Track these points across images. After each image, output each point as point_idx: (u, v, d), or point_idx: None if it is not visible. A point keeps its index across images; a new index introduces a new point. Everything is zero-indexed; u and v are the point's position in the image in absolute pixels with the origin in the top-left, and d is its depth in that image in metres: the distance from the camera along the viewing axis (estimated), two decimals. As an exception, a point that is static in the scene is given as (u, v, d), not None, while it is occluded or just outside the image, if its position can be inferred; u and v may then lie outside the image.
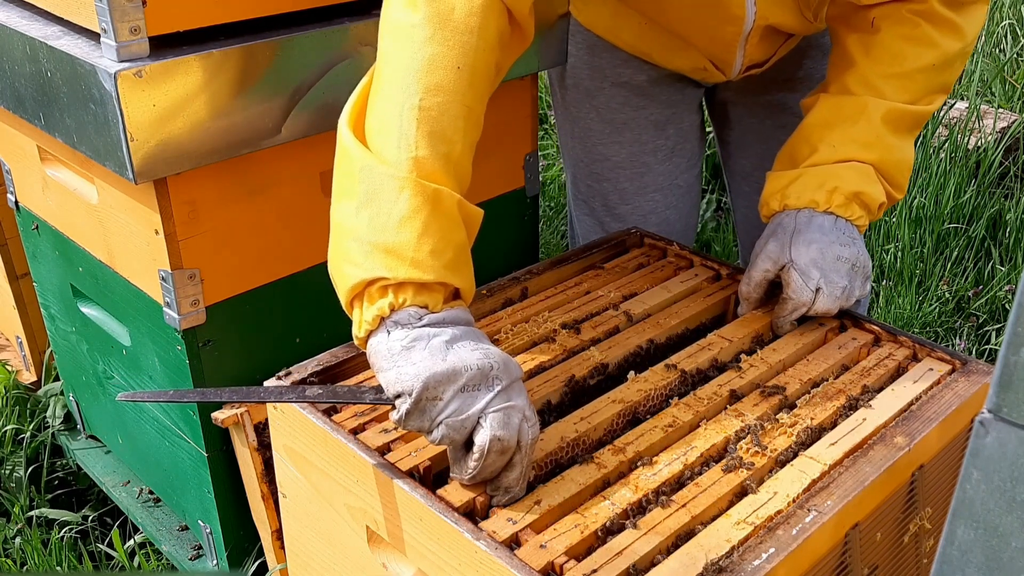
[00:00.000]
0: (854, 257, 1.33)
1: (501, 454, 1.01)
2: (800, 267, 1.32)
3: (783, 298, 1.34)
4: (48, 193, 1.62)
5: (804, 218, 1.34)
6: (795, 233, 1.33)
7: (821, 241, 1.32)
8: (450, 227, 1.07)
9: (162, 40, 1.26)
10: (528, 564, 0.95)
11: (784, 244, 1.34)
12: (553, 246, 2.96)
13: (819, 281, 1.31)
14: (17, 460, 1.97)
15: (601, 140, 1.77)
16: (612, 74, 1.70)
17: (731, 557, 0.97)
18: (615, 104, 1.73)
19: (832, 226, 1.33)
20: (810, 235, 1.32)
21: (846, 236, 1.33)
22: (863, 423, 1.17)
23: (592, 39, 1.70)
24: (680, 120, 1.77)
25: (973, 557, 0.59)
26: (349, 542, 1.18)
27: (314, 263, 1.53)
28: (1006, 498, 0.56)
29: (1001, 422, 0.55)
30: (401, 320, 1.04)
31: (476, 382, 1.01)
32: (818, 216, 1.34)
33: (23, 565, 1.81)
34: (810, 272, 1.31)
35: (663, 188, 1.80)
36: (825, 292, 1.32)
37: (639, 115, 1.73)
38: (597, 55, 1.70)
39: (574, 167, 1.84)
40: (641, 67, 1.69)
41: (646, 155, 1.76)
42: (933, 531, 1.23)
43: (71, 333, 1.79)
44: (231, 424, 1.46)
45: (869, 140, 1.35)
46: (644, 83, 1.70)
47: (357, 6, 1.44)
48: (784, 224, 1.35)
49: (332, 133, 1.45)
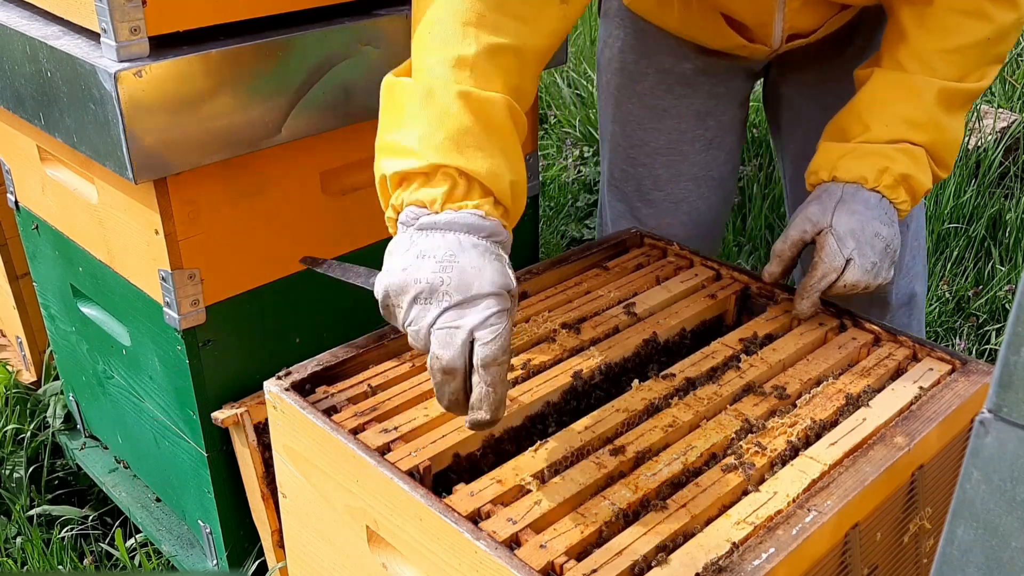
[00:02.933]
0: (890, 238, 1.33)
1: (446, 374, 1.00)
2: (837, 233, 1.32)
3: (814, 263, 1.34)
4: (48, 193, 1.62)
5: (851, 190, 1.34)
6: (840, 201, 1.34)
7: (863, 214, 1.32)
8: (447, 114, 1.05)
9: (162, 40, 1.26)
10: (528, 564, 0.95)
11: (827, 209, 1.34)
12: (553, 246, 2.96)
13: (853, 251, 1.31)
14: (17, 460, 1.97)
15: (641, 125, 1.77)
16: (658, 60, 1.70)
17: (731, 557, 0.97)
18: (659, 91, 1.73)
19: (876, 203, 1.33)
20: (854, 206, 1.33)
21: (887, 216, 1.34)
22: (863, 423, 1.17)
23: (640, 24, 1.69)
24: (722, 113, 1.76)
25: (973, 557, 0.59)
26: (349, 542, 1.18)
27: (314, 263, 1.53)
28: (1006, 498, 0.56)
29: (1001, 422, 0.55)
30: (403, 220, 1.07)
31: (425, 296, 1.01)
32: (864, 191, 1.34)
33: (24, 565, 1.81)
34: (846, 240, 1.31)
35: (697, 178, 1.79)
36: (856, 263, 1.31)
37: (681, 103, 1.73)
38: (644, 40, 1.70)
39: (611, 151, 1.84)
40: (687, 55, 1.68)
41: (684, 144, 1.76)
42: (933, 531, 1.23)
43: (71, 333, 1.79)
44: (231, 424, 1.46)
45: (922, 121, 1.34)
46: (689, 71, 1.70)
47: (357, 6, 1.44)
48: (831, 191, 1.36)
49: (332, 133, 1.46)
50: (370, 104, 1.46)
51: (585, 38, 4.27)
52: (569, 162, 3.41)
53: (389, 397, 1.22)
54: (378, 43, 1.43)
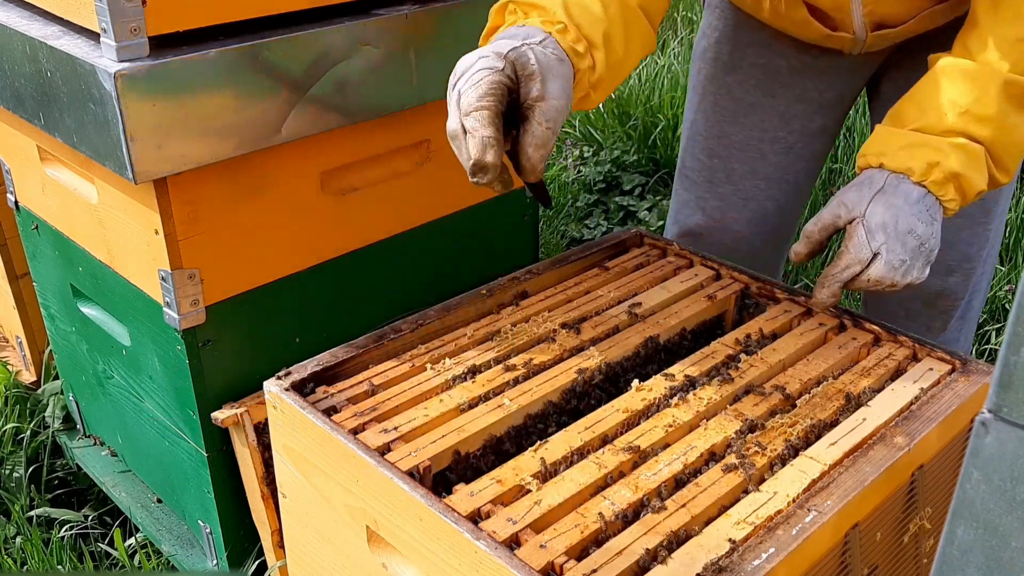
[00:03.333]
0: (926, 237, 1.26)
1: (452, 139, 1.16)
2: (869, 225, 1.25)
3: (840, 252, 1.28)
4: (48, 193, 1.62)
5: (894, 181, 1.27)
6: (880, 191, 1.27)
7: (901, 209, 1.25)
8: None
9: (162, 40, 1.26)
10: (528, 564, 0.95)
11: (864, 198, 1.27)
12: (553, 246, 2.96)
13: (882, 246, 1.25)
14: (17, 460, 1.97)
15: (725, 117, 1.75)
16: (752, 53, 1.68)
17: (731, 557, 0.97)
18: (748, 85, 1.71)
19: (919, 198, 1.26)
20: (893, 199, 1.26)
21: (927, 214, 1.26)
22: (863, 423, 1.17)
23: (739, 16, 1.68)
24: (809, 119, 1.72)
25: (973, 557, 0.59)
26: (349, 542, 1.18)
27: (314, 263, 1.53)
28: (1006, 498, 0.56)
29: (1001, 422, 0.55)
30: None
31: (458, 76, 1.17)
32: (908, 184, 1.27)
33: (23, 565, 1.81)
34: (876, 233, 1.25)
35: (771, 179, 1.76)
36: (884, 258, 1.25)
37: (768, 101, 1.71)
38: (741, 32, 1.68)
39: (688, 140, 1.83)
40: (783, 52, 1.66)
41: (764, 143, 1.73)
42: (933, 531, 1.23)
43: (71, 333, 1.79)
44: (231, 424, 1.46)
45: (985, 113, 1.25)
46: (783, 69, 1.67)
47: (357, 6, 1.44)
48: (874, 179, 1.29)
49: (332, 133, 1.46)
50: (370, 103, 1.46)
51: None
52: (569, 162, 3.41)
53: (389, 397, 1.22)
54: (378, 43, 1.43)
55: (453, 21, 1.51)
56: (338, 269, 1.56)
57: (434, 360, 1.30)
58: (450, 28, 1.51)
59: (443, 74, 1.53)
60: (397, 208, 1.60)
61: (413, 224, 1.64)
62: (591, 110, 3.57)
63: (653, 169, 3.27)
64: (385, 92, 1.47)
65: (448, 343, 1.34)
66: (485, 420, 1.19)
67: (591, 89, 1.29)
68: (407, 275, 1.67)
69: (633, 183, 3.20)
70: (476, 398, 1.22)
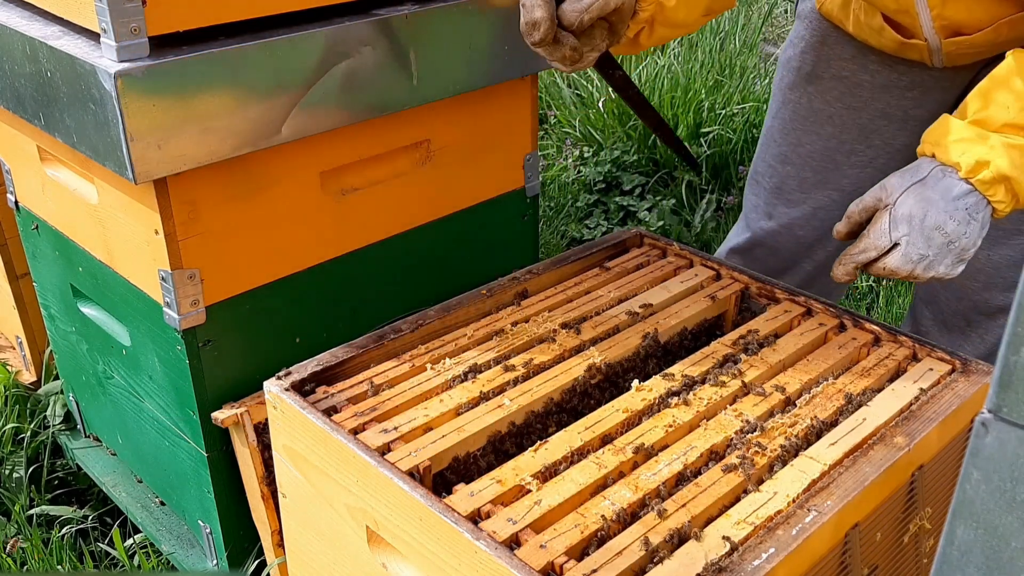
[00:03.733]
0: (957, 236, 1.23)
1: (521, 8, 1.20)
2: (895, 214, 1.24)
3: (863, 234, 1.28)
4: (48, 193, 1.62)
5: (938, 174, 1.24)
6: (919, 182, 1.24)
7: (934, 204, 1.22)
8: None
9: (162, 40, 1.26)
10: (528, 564, 0.95)
11: (903, 185, 1.25)
12: (553, 246, 2.96)
13: (903, 237, 1.24)
14: (17, 460, 1.97)
15: (801, 125, 1.75)
16: (837, 66, 1.68)
17: (731, 557, 0.97)
18: (829, 96, 1.70)
19: (960, 195, 1.23)
20: (929, 192, 1.23)
21: (965, 212, 1.22)
22: (863, 423, 1.17)
23: (826, 27, 1.68)
24: (893, 136, 1.70)
25: (973, 557, 0.59)
26: (349, 542, 1.18)
27: (314, 263, 1.53)
28: (1006, 498, 0.56)
29: (1001, 422, 0.55)
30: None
31: None
32: (953, 179, 1.23)
33: (23, 565, 1.81)
34: (900, 224, 1.24)
35: (844, 190, 1.74)
36: (902, 250, 1.24)
37: (849, 114, 1.70)
38: (827, 43, 1.68)
39: (763, 146, 1.83)
40: (867, 66, 1.65)
41: (840, 155, 1.72)
42: (933, 531, 1.23)
43: (71, 333, 1.79)
44: (231, 424, 1.46)
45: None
46: (866, 84, 1.66)
47: (357, 6, 1.44)
48: (921, 168, 1.26)
49: (332, 133, 1.46)
50: (370, 103, 1.46)
51: (585, 38, 4.27)
52: (569, 162, 3.41)
53: (389, 397, 1.22)
54: (378, 43, 1.43)
55: (453, 21, 1.51)
56: (338, 269, 1.56)
57: (434, 360, 1.30)
58: (450, 28, 1.51)
59: (443, 74, 1.54)
60: (397, 208, 1.60)
61: (413, 224, 1.64)
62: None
63: (653, 169, 3.27)
64: (385, 92, 1.47)
65: (448, 343, 1.34)
66: (485, 420, 1.19)
67: (647, 24, 1.30)
68: (407, 275, 1.67)
69: (633, 183, 3.20)
70: (476, 398, 1.22)
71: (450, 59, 1.53)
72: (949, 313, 1.73)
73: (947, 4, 1.41)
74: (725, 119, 3.28)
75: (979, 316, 1.69)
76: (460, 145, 1.65)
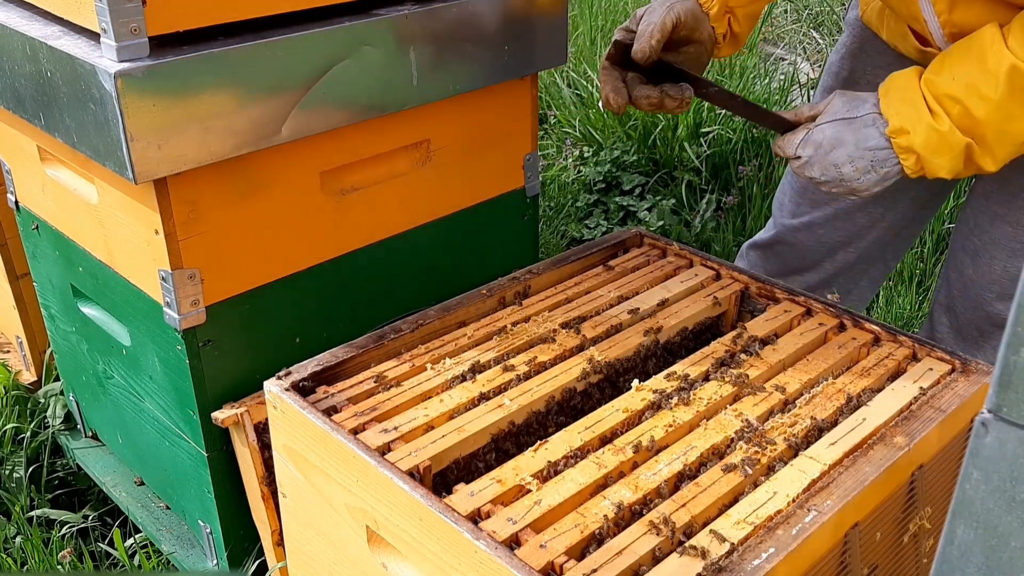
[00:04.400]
0: (850, 178, 1.35)
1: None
2: (809, 136, 1.37)
3: (787, 134, 1.40)
4: (48, 193, 1.62)
5: (868, 120, 1.33)
6: (847, 120, 1.35)
7: (845, 144, 1.34)
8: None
9: (162, 40, 1.26)
10: (528, 564, 0.95)
11: (837, 114, 1.35)
12: (553, 246, 2.96)
13: (804, 159, 1.37)
14: (17, 460, 1.97)
15: None
16: (871, 72, 1.71)
17: (731, 557, 0.97)
18: None
19: (874, 148, 1.33)
20: (847, 134, 1.34)
21: (871, 163, 1.34)
22: (863, 423, 1.17)
23: (866, 34, 1.71)
24: None
25: (973, 557, 0.59)
26: (349, 542, 1.18)
27: (314, 263, 1.53)
28: (1006, 498, 0.56)
29: (1001, 422, 0.55)
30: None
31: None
32: (875, 130, 1.33)
33: (23, 565, 1.81)
34: (808, 145, 1.37)
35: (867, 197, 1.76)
36: (798, 164, 1.38)
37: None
38: (866, 52, 1.71)
39: None
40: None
41: None
42: (933, 531, 1.23)
43: (71, 333, 1.79)
44: (231, 424, 1.46)
45: (987, 94, 1.26)
46: None
47: (357, 6, 1.44)
48: (861, 106, 1.35)
49: (332, 133, 1.46)
50: (370, 103, 1.46)
51: (585, 38, 4.27)
52: (569, 162, 3.41)
53: (389, 397, 1.22)
54: (378, 43, 1.43)
55: (453, 21, 1.51)
56: (338, 269, 1.56)
57: (434, 360, 1.30)
58: (450, 28, 1.51)
59: (443, 74, 1.54)
60: (397, 208, 1.60)
61: (413, 224, 1.64)
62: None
63: (653, 169, 3.27)
64: (385, 92, 1.47)
65: (448, 343, 1.34)
66: (485, 420, 1.19)
67: (727, 14, 1.44)
68: (407, 275, 1.67)
69: (633, 183, 3.20)
70: (476, 398, 1.22)
71: (450, 59, 1.53)
72: (964, 322, 1.75)
73: (955, 10, 1.41)
74: (725, 119, 3.28)
75: (992, 327, 1.71)
76: (460, 145, 1.65)
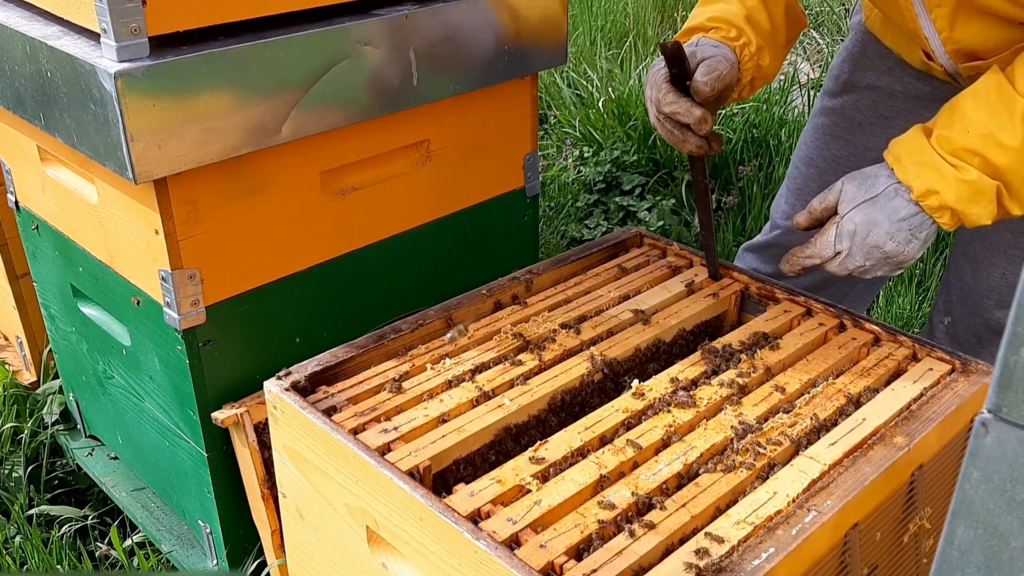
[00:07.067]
0: (896, 253, 1.31)
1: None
2: (841, 229, 1.32)
3: (812, 240, 1.36)
4: (48, 193, 1.62)
5: (891, 193, 1.30)
6: (871, 201, 1.31)
7: (879, 224, 1.30)
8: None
9: (162, 40, 1.26)
10: (528, 564, 0.95)
11: (856, 200, 1.32)
12: (553, 246, 2.96)
13: (843, 250, 1.33)
14: (17, 459, 1.97)
15: (832, 131, 1.78)
16: (872, 76, 1.71)
17: (731, 557, 0.97)
18: (862, 104, 1.73)
19: (906, 216, 1.29)
20: (876, 213, 1.30)
21: (909, 233, 1.30)
22: (863, 423, 1.17)
23: (868, 38, 1.71)
24: None
25: (973, 557, 0.59)
26: (349, 542, 1.18)
27: (314, 263, 1.53)
28: (1006, 498, 0.56)
29: (1001, 422, 0.55)
30: None
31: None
32: (902, 199, 1.29)
33: (23, 564, 1.81)
34: (843, 239, 1.32)
35: None
36: (840, 260, 1.34)
37: (879, 123, 1.72)
38: (868, 56, 1.71)
39: (798, 148, 1.87)
40: (902, 77, 1.67)
41: (865, 162, 1.70)
42: (933, 531, 1.23)
43: (71, 333, 1.79)
44: (231, 424, 1.46)
45: (1006, 141, 1.23)
46: (899, 94, 1.68)
47: (357, 6, 1.45)
48: (877, 183, 1.31)
49: (332, 133, 1.46)
50: (370, 103, 1.46)
51: (585, 38, 4.27)
52: (569, 162, 3.41)
53: (389, 397, 1.22)
54: (378, 43, 1.43)
55: (453, 21, 1.51)
56: (338, 269, 1.56)
57: (434, 360, 1.30)
58: (450, 28, 1.51)
59: (443, 74, 1.54)
60: (397, 208, 1.61)
61: (413, 224, 1.64)
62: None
63: (653, 169, 3.27)
64: (385, 92, 1.47)
65: (448, 343, 1.34)
66: (485, 420, 1.19)
67: (758, 57, 1.47)
68: (407, 275, 1.67)
69: (633, 183, 3.20)
70: (476, 398, 1.22)
71: (450, 59, 1.53)
72: (961, 328, 1.75)
73: (956, 27, 1.40)
74: (725, 119, 3.28)
75: (989, 334, 1.71)
76: (460, 145, 1.65)
